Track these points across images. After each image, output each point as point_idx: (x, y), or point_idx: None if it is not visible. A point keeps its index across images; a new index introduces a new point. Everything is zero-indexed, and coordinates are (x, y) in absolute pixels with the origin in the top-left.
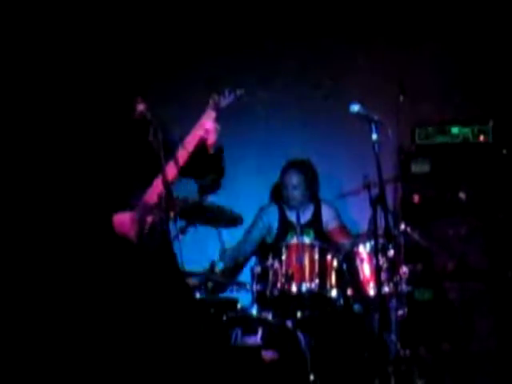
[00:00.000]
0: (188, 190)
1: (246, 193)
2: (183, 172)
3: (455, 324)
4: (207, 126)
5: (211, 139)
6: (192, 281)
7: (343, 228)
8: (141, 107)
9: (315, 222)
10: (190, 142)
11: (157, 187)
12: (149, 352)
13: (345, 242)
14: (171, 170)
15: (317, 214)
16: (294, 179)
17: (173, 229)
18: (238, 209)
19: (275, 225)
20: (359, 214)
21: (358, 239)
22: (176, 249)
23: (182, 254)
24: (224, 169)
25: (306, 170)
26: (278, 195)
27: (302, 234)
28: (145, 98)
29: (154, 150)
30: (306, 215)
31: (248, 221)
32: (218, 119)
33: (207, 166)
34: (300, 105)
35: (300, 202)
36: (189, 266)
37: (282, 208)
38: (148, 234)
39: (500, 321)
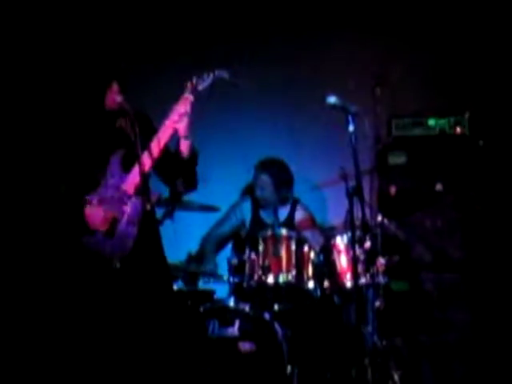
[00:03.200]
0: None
1: (219, 187)
2: (157, 172)
3: (431, 315)
4: (180, 109)
5: (182, 127)
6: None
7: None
8: (119, 98)
9: (289, 223)
10: (164, 132)
11: (134, 178)
12: (125, 341)
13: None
14: (147, 160)
15: (291, 215)
16: (262, 180)
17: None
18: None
19: (248, 221)
20: (336, 206)
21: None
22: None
23: None
24: (196, 175)
25: (276, 171)
26: (252, 195)
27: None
28: (124, 87)
29: (131, 141)
30: (282, 215)
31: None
32: (194, 104)
33: (178, 170)
34: (275, 96)
35: (270, 203)
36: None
37: (255, 206)
38: (126, 224)
39: (476, 312)
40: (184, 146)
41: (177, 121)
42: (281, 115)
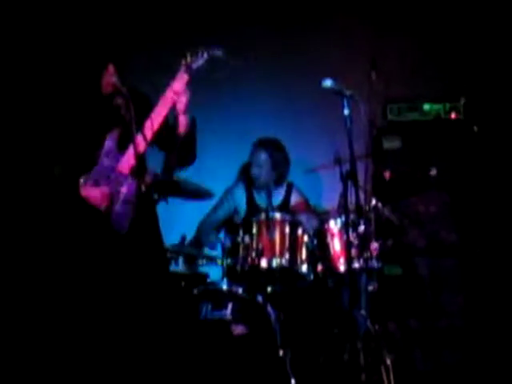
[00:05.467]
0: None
1: (215, 170)
2: (156, 145)
3: (424, 300)
4: (176, 87)
5: (182, 103)
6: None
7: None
8: (114, 80)
9: (284, 207)
10: (159, 112)
11: (129, 158)
12: (120, 322)
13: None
14: (142, 140)
15: (287, 199)
16: (260, 158)
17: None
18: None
19: (243, 207)
20: (330, 190)
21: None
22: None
23: None
24: (194, 150)
25: (274, 150)
26: (247, 176)
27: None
28: (121, 68)
29: (126, 122)
30: (277, 198)
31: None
32: (190, 82)
33: (176, 145)
34: (271, 79)
35: (265, 182)
36: None
37: (249, 190)
38: (122, 204)
39: (469, 297)
40: (182, 122)
41: (173, 98)
42: (275, 99)
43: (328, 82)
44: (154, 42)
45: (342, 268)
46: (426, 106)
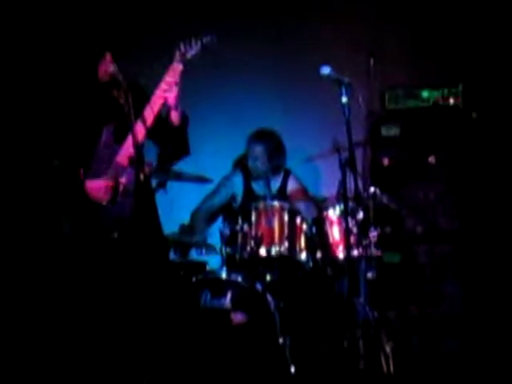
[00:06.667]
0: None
1: (213, 160)
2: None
3: (424, 287)
4: (171, 78)
5: (172, 97)
6: None
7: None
8: (111, 68)
9: (281, 194)
10: (156, 102)
11: (128, 149)
12: (120, 312)
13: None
14: (140, 130)
15: (283, 186)
16: (255, 151)
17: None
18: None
19: (241, 193)
20: (329, 178)
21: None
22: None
23: None
24: (187, 141)
25: (269, 141)
26: (244, 166)
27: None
28: (116, 57)
29: (124, 112)
30: (274, 186)
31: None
32: (184, 72)
33: (169, 137)
34: (269, 67)
35: (262, 173)
36: None
37: (247, 178)
38: (122, 195)
39: (468, 284)
40: (174, 116)
41: (166, 90)
42: (274, 87)
43: (326, 70)
44: (149, 33)
45: (341, 256)
46: (425, 93)
